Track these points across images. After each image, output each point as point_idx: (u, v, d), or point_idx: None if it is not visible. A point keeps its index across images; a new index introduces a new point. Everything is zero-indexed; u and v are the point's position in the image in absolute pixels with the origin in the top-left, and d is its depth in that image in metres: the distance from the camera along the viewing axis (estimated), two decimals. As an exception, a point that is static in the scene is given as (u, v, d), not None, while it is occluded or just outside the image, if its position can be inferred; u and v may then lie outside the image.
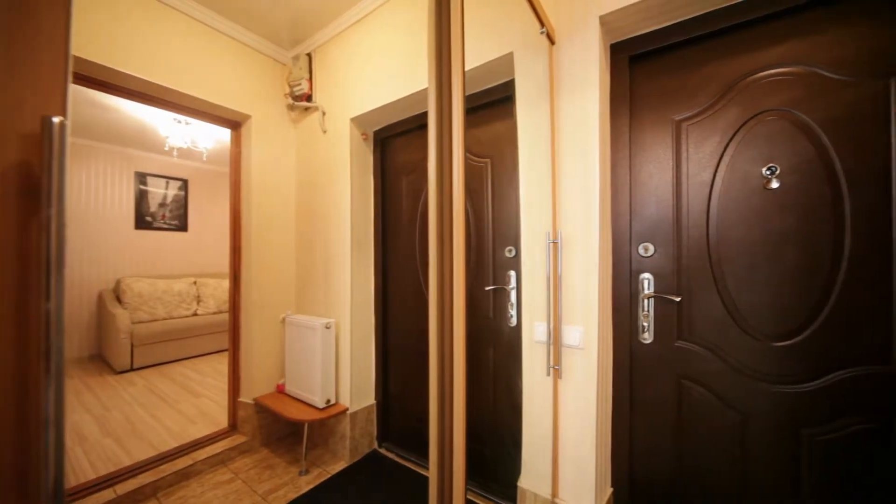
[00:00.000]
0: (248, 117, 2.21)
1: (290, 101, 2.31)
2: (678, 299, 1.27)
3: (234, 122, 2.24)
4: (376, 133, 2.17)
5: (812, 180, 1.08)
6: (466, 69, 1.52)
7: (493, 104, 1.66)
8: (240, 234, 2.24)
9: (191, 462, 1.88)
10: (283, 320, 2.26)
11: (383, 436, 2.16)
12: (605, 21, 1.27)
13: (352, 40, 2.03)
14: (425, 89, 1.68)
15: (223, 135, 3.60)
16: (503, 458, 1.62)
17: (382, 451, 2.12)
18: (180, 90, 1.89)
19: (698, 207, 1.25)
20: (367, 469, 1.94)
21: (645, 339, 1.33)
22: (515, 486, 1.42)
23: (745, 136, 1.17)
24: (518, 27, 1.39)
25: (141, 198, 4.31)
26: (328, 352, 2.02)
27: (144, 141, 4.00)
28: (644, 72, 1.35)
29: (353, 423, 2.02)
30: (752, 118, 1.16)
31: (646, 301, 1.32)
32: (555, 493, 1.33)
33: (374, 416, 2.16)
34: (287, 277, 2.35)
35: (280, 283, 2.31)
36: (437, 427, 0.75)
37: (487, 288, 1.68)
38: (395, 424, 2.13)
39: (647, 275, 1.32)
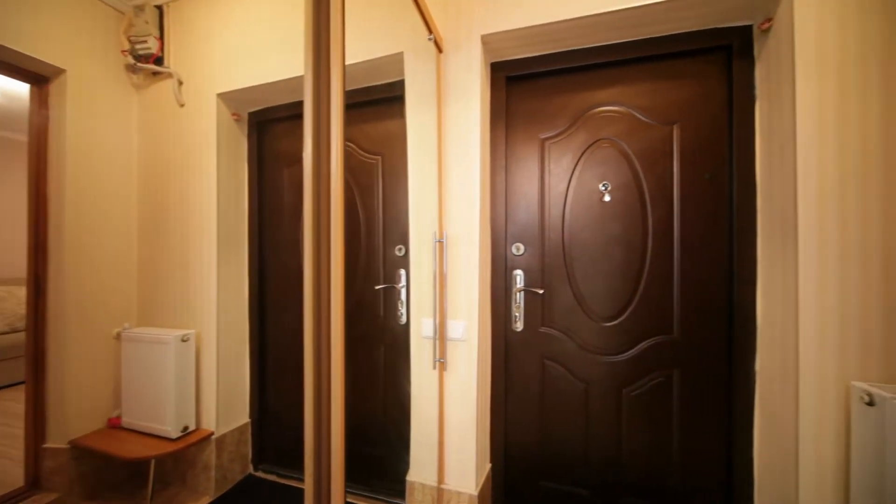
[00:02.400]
0: (60, 71, 1.68)
1: (131, 60, 1.85)
2: (542, 291, 1.48)
3: (37, 76, 1.68)
4: (252, 115, 1.92)
5: (630, 196, 1.40)
6: (355, 62, 1.48)
7: (385, 101, 1.64)
8: (45, 226, 1.69)
9: (-49, 547, 1.33)
10: (119, 336, 1.80)
11: (260, 457, 1.92)
12: (486, 41, 1.39)
13: (222, 1, 1.74)
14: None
15: (20, 89, 2.65)
16: (392, 455, 1.63)
17: (259, 474, 1.89)
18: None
19: (557, 214, 1.48)
20: (239, 498, 1.70)
21: (517, 327, 1.51)
22: (405, 482, 1.45)
23: (588, 158, 1.44)
24: (408, 29, 1.41)
25: None
26: (185, 369, 1.69)
27: None
28: (518, 92, 1.53)
29: (221, 448, 1.74)
30: (593, 143, 1.44)
31: (518, 294, 1.51)
32: (441, 480, 1.41)
33: (248, 437, 1.90)
34: (124, 282, 1.87)
35: (112, 290, 1.82)
36: (312, 436, 0.70)
37: (378, 287, 1.66)
38: (274, 442, 1.92)
39: (518, 271, 1.51)
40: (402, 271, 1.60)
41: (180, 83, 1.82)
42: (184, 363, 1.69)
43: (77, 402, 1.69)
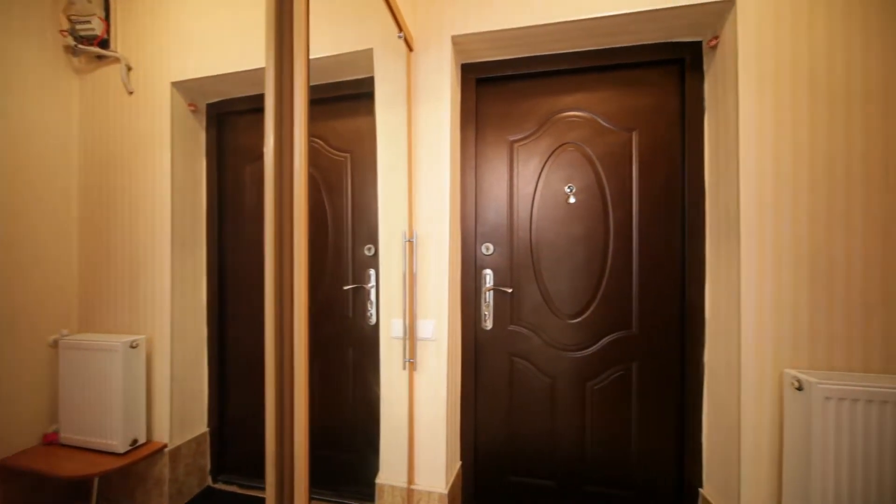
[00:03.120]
0: (-17, 50, 1.50)
1: (72, 42, 1.69)
2: (510, 290, 1.52)
3: (-47, 53, 1.49)
4: (211, 107, 1.81)
5: (593, 198, 1.46)
6: (322, 56, 1.44)
7: (354, 98, 1.61)
8: (-35, 222, 1.50)
9: None
10: (56, 343, 1.64)
11: (220, 467, 1.82)
12: (456, 41, 1.40)
13: (174, -15, 1.63)
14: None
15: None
16: (361, 459, 1.60)
17: (219, 485, 1.80)
18: None
19: (525, 215, 1.52)
20: (195, 513, 1.60)
21: (486, 326, 1.54)
22: (374, 485, 1.43)
23: (554, 161, 1.49)
24: (378, 26, 1.39)
25: None
26: (134, 377, 1.57)
27: None
28: (488, 94, 1.55)
29: (175, 460, 1.63)
30: (559, 147, 1.49)
31: (487, 293, 1.53)
32: (411, 481, 1.40)
33: (206, 447, 1.80)
34: (62, 285, 1.70)
35: (48, 294, 1.65)
36: (274, 442, 0.68)
37: (346, 287, 1.63)
38: (236, 451, 1.82)
39: (488, 270, 1.53)
40: (372, 271, 1.58)
41: (129, 69, 1.69)
42: (133, 371, 1.57)
43: (5, 418, 1.52)
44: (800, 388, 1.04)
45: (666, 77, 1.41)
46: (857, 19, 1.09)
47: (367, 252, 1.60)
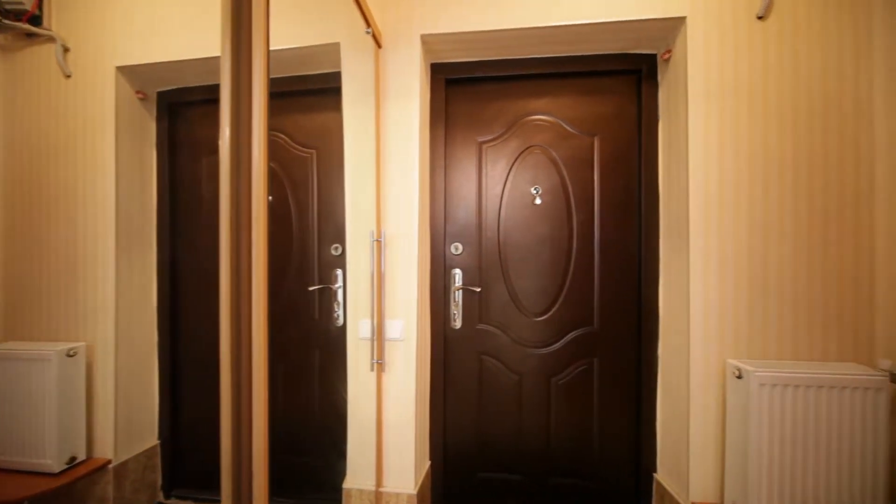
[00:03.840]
0: None
1: (-6, 16, 1.51)
2: (479, 290, 1.54)
3: None
4: (163, 95, 1.69)
5: (558, 200, 1.52)
6: (285, 47, 1.39)
7: (320, 92, 1.56)
8: None
9: None
10: (-25, 354, 1.46)
11: (173, 482, 1.71)
12: (425, 41, 1.39)
13: (119, -38, 1.50)
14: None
15: None
16: (328, 464, 1.56)
17: (171, 501, 1.68)
18: None
19: (493, 215, 1.55)
20: (144, 532, 1.49)
21: (455, 325, 1.55)
22: (341, 490, 1.39)
23: (521, 162, 1.53)
24: (345, 20, 1.36)
25: None
26: (72, 389, 1.43)
27: None
28: (457, 94, 1.56)
29: (121, 477, 1.51)
30: (526, 149, 1.53)
31: (456, 293, 1.54)
32: (379, 483, 1.38)
33: (157, 461, 1.67)
34: (-17, 287, 1.52)
35: (-34, 297, 1.47)
36: (230, 451, 0.64)
37: (312, 288, 1.58)
38: (190, 463, 1.71)
39: (457, 270, 1.55)
40: (339, 271, 1.54)
41: (66, 50, 1.53)
42: (70, 382, 1.43)
43: None
44: (739, 377, 1.14)
45: (625, 86, 1.49)
46: (788, 40, 1.21)
47: (333, 252, 1.56)
